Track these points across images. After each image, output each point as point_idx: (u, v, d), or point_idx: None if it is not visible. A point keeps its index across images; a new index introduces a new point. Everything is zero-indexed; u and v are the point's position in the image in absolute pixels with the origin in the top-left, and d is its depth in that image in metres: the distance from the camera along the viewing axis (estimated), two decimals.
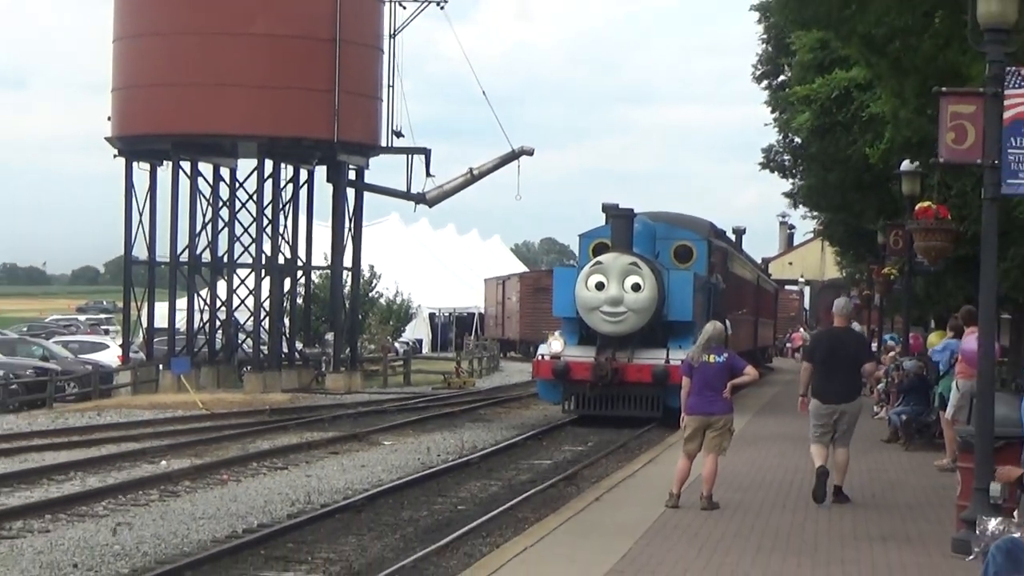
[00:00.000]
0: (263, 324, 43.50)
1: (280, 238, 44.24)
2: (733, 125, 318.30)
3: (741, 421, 21.86)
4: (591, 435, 27.47)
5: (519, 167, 45.89)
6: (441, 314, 77.21)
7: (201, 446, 25.24)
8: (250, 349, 43.81)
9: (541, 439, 27.19)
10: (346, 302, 46.63)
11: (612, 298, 28.87)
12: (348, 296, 47.13)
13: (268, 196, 43.22)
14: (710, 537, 12.94)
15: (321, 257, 47.51)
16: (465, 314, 78.49)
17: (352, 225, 45.24)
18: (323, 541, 15.18)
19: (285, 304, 45.12)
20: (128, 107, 42.20)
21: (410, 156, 45.27)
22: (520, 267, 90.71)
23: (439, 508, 17.93)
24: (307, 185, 45.59)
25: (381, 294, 62.93)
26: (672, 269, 30.58)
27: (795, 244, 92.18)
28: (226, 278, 45.00)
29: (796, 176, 39.19)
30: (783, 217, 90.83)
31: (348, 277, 46.77)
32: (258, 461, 22.87)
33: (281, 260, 44.40)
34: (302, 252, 45.50)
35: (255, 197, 43.23)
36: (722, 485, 15.24)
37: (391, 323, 61.55)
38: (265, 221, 43.18)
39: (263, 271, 43.16)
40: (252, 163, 43.27)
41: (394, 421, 30.80)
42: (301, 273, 46.57)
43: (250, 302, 43.67)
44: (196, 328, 44.63)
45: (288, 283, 45.32)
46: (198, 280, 45.47)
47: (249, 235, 43.78)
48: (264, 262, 43.09)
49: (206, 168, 43.96)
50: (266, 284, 43.40)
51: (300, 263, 45.80)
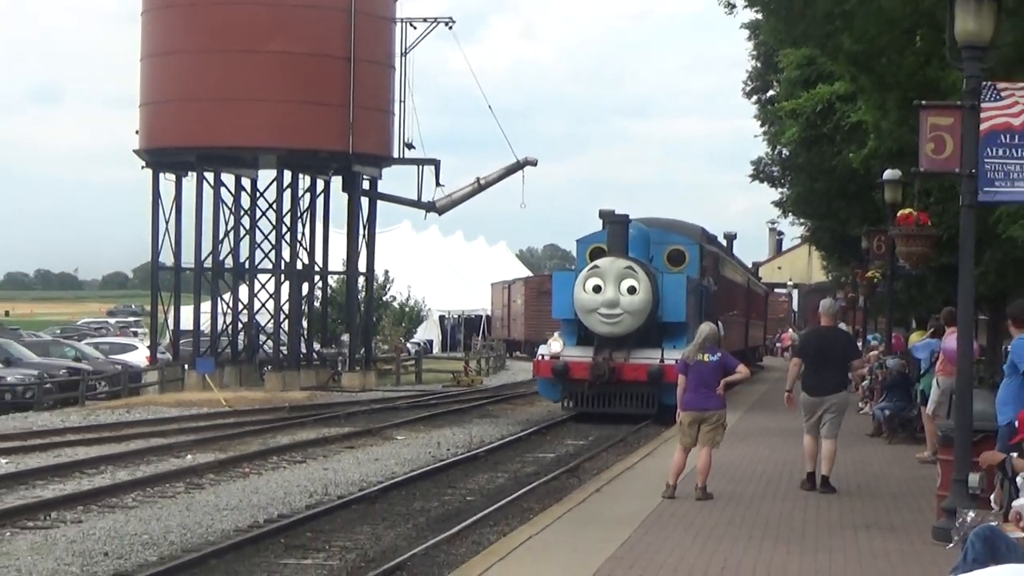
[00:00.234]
0: (283, 326, 43.60)
1: (298, 244, 44.22)
2: (725, 137, 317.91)
3: (734, 416, 21.81)
4: (592, 430, 27.40)
5: (523, 177, 46.11)
6: (450, 316, 77.10)
7: (224, 441, 25.24)
8: (271, 350, 43.95)
9: (545, 434, 27.13)
10: (361, 305, 46.60)
11: (609, 300, 28.74)
12: (363, 299, 47.09)
13: (287, 205, 43.22)
14: (704, 526, 12.93)
15: (337, 262, 47.48)
16: (473, 316, 78.39)
17: (366, 232, 45.27)
18: (339, 530, 15.16)
19: (303, 307, 45.12)
20: (155, 121, 42.27)
21: (420, 167, 45.39)
22: (524, 271, 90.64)
23: (449, 499, 17.90)
24: (324, 194, 45.66)
25: (394, 297, 62.86)
26: (666, 272, 30.33)
27: (784, 249, 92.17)
28: (248, 283, 45.01)
29: (785, 186, 39.24)
30: (772, 224, 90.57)
31: (363, 281, 46.78)
32: (278, 455, 22.84)
33: (299, 265, 44.38)
34: (319, 258, 45.53)
35: (275, 206, 43.28)
36: (716, 477, 15.21)
37: (403, 325, 61.50)
38: (284, 229, 43.17)
39: (282, 276, 43.18)
40: (272, 174, 43.28)
41: (406, 417, 30.76)
42: (318, 278, 46.59)
43: (270, 305, 43.77)
44: (220, 330, 44.64)
45: (306, 287, 45.29)
46: (221, 285, 45.49)
47: (269, 242, 43.88)
48: (283, 267, 43.09)
49: (228, 179, 44.01)
50: (285, 288, 43.40)
51: (317, 268, 45.81)
